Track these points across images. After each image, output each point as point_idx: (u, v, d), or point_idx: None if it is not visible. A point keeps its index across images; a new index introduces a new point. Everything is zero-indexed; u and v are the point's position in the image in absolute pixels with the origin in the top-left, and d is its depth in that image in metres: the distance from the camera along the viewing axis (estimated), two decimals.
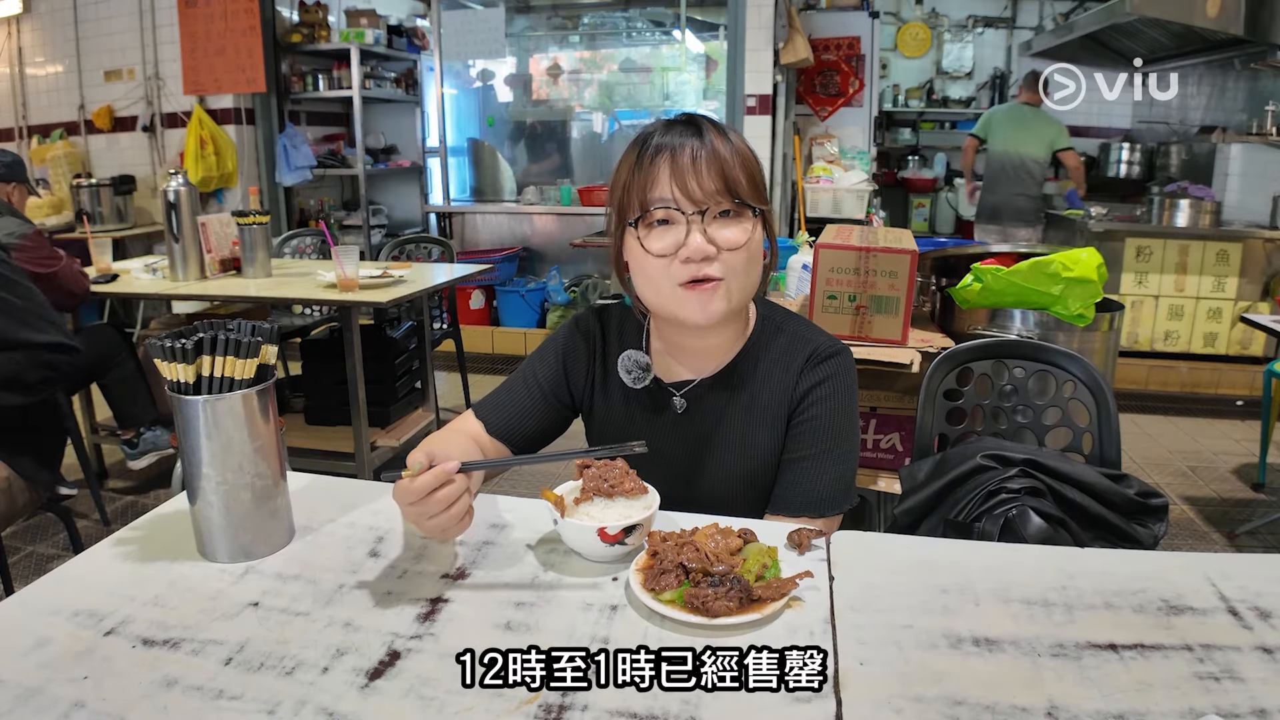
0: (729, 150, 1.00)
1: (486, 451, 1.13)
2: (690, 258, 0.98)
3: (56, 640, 0.75)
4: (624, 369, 1.12)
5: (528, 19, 5.64)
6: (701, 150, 0.99)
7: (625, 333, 1.17)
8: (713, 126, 1.02)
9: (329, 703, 0.68)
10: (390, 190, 6.03)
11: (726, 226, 1.00)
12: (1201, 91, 5.16)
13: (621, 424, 1.15)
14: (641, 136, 1.04)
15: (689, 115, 1.05)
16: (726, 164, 0.99)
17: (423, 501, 0.85)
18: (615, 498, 0.92)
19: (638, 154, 1.02)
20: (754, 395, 1.11)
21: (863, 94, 5.09)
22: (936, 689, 0.69)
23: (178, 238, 2.73)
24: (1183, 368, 4.33)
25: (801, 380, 1.10)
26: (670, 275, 1.00)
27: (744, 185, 1.00)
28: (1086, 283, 2.02)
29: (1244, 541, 2.73)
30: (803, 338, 1.12)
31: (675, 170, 0.99)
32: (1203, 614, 0.80)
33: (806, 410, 1.09)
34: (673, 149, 1.00)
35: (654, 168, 1.00)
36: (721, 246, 0.99)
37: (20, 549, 2.58)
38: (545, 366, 1.17)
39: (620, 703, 0.68)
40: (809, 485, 1.08)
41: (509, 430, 1.14)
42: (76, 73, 4.99)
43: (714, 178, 0.99)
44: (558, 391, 1.17)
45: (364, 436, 2.77)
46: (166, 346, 0.85)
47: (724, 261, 1.00)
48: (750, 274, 1.03)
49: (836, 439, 1.09)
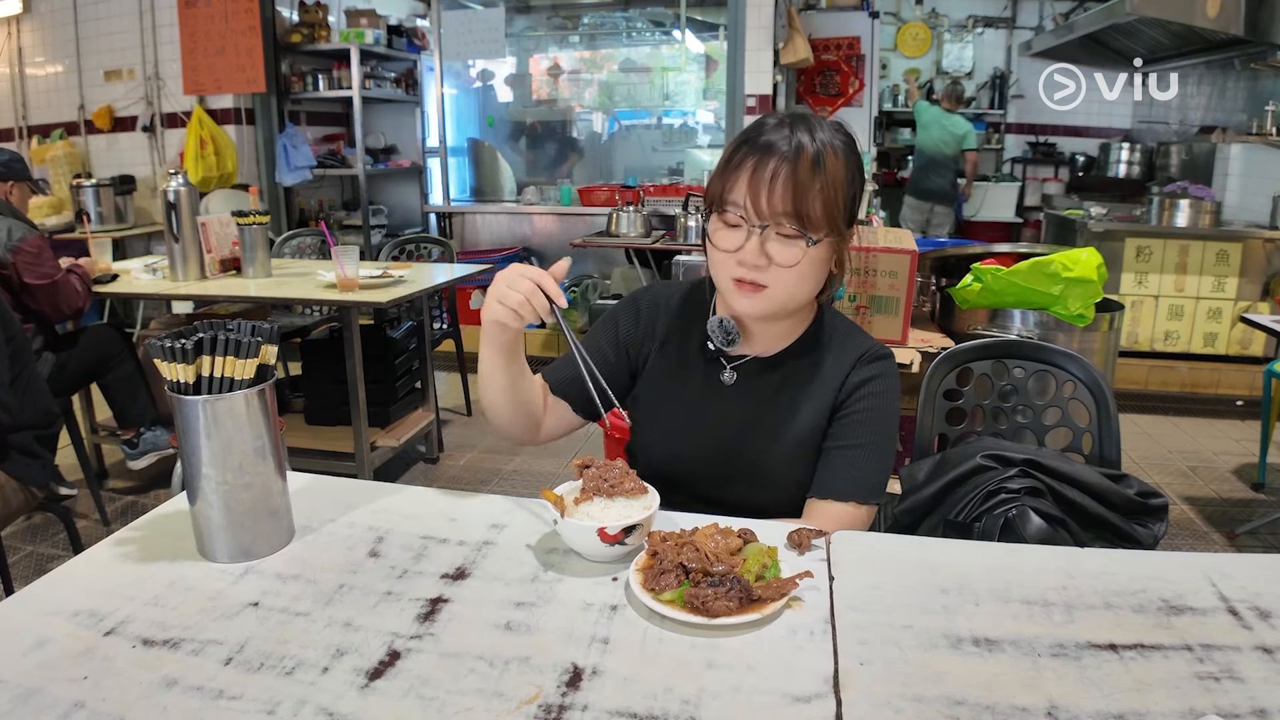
0: (814, 176, 1.01)
1: (550, 406, 1.18)
2: (744, 261, 1.04)
3: (56, 640, 0.75)
4: (714, 329, 1.15)
5: (528, 19, 5.64)
6: (784, 168, 1.01)
7: (689, 301, 1.22)
8: (815, 144, 1.02)
9: (329, 703, 0.68)
10: (390, 190, 6.03)
11: (786, 245, 1.03)
12: (1201, 91, 5.16)
13: (673, 385, 1.19)
14: (752, 128, 1.06)
15: (804, 118, 1.05)
16: (803, 189, 1.01)
17: (516, 277, 0.96)
18: (615, 498, 0.92)
19: (736, 146, 1.05)
20: (804, 381, 1.15)
21: (863, 94, 5.09)
22: (936, 689, 0.69)
23: (178, 238, 2.73)
24: (1183, 368, 4.33)
25: (853, 375, 1.14)
26: (728, 267, 1.06)
27: (814, 214, 1.02)
28: (1086, 283, 2.02)
29: (1244, 541, 2.73)
30: (856, 338, 1.17)
31: (754, 180, 1.02)
32: (1203, 614, 0.80)
33: (857, 403, 1.13)
34: (760, 156, 1.02)
35: (740, 170, 1.03)
36: (774, 261, 1.03)
37: (20, 549, 2.58)
38: (609, 332, 1.22)
39: (620, 703, 0.68)
40: (857, 472, 1.11)
41: (568, 390, 1.18)
42: (76, 73, 4.99)
43: (786, 200, 1.01)
44: (620, 355, 1.21)
45: (364, 436, 2.77)
46: (166, 346, 0.85)
47: (774, 273, 1.04)
48: (800, 287, 1.07)
49: (882, 433, 1.13)
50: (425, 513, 1.03)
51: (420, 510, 1.03)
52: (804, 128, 1.03)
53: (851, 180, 1.07)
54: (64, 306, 2.49)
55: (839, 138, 1.06)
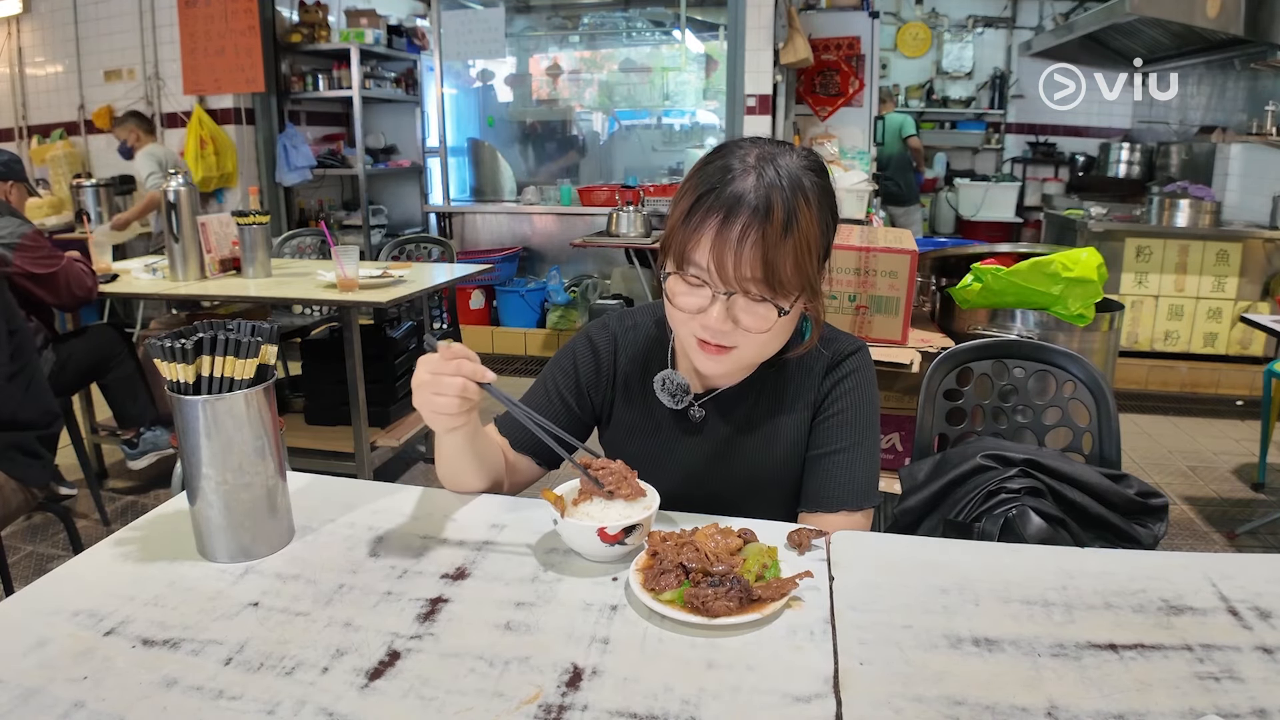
0: (787, 236, 0.91)
1: (512, 465, 1.13)
2: (708, 326, 0.95)
3: (56, 640, 0.75)
4: (664, 390, 1.09)
5: (528, 19, 5.64)
6: (753, 230, 0.90)
7: (644, 339, 1.15)
8: (786, 193, 0.91)
9: (329, 703, 0.68)
10: (390, 190, 6.03)
11: (753, 310, 0.95)
12: (1201, 91, 5.16)
13: (641, 429, 1.14)
14: (715, 171, 0.94)
15: (773, 156, 0.94)
16: (775, 253, 0.90)
17: (436, 379, 0.90)
18: (615, 498, 0.92)
19: (696, 199, 0.93)
20: (776, 402, 1.10)
21: (862, 94, 5.09)
22: (936, 689, 0.69)
23: (177, 238, 2.73)
24: (1183, 367, 4.33)
25: (826, 381, 1.10)
26: (690, 326, 0.98)
27: (787, 279, 0.92)
28: (1086, 283, 2.02)
29: (1244, 541, 2.73)
30: (824, 340, 1.11)
31: (719, 242, 0.91)
32: (1203, 614, 0.80)
33: (832, 406, 1.09)
34: (726, 214, 0.90)
35: (703, 228, 0.92)
36: (742, 326, 0.95)
37: (20, 549, 2.58)
38: (565, 377, 1.15)
39: (620, 703, 0.68)
40: (846, 478, 1.07)
41: (533, 446, 1.13)
42: (76, 73, 5.00)
43: (757, 266, 0.91)
44: (579, 402, 1.15)
45: (364, 436, 2.77)
46: (166, 346, 0.84)
47: (740, 336, 0.97)
48: (770, 346, 1.01)
49: (864, 432, 1.09)
50: (425, 513, 1.02)
51: (420, 510, 1.03)
52: (773, 169, 0.92)
53: (826, 228, 0.97)
54: (76, 289, 2.48)
55: (811, 176, 0.95)
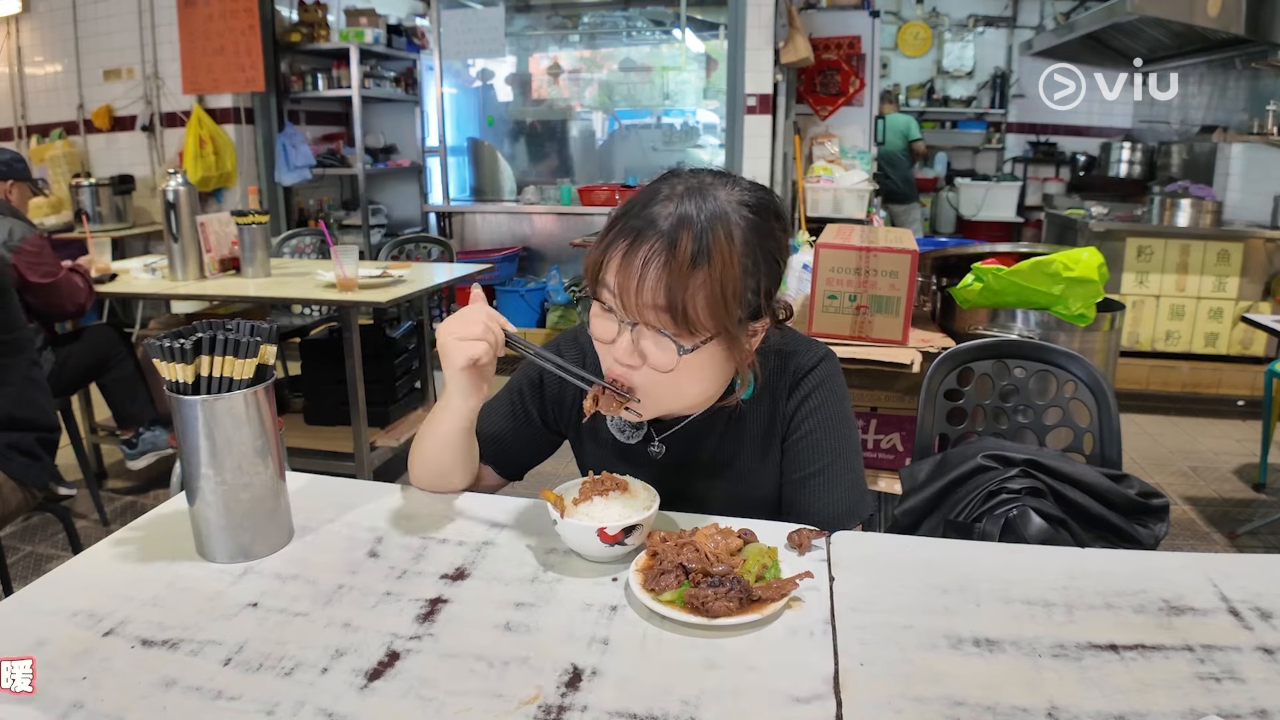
0: (695, 268, 0.84)
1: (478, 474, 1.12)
2: (618, 358, 0.91)
3: (55, 641, 0.75)
4: (615, 427, 1.08)
5: (528, 18, 5.64)
6: (659, 257, 0.84)
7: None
8: (701, 224, 0.84)
9: (328, 703, 0.68)
10: (390, 190, 6.03)
11: (659, 345, 0.88)
12: (1202, 91, 5.16)
13: (607, 460, 1.10)
14: (644, 192, 0.90)
15: (704, 187, 0.88)
16: (679, 283, 0.84)
17: (463, 319, 0.92)
18: (615, 498, 0.92)
19: (615, 219, 0.89)
20: (742, 428, 1.05)
21: (863, 93, 5.09)
22: (937, 689, 0.69)
23: (177, 238, 2.73)
24: (1184, 368, 4.33)
25: (789, 402, 1.04)
26: (606, 359, 0.94)
27: (694, 315, 0.84)
28: (1087, 283, 2.02)
29: (1245, 542, 2.73)
30: (784, 355, 1.04)
31: (624, 266, 0.86)
32: (1203, 614, 0.80)
33: (800, 428, 1.04)
34: (635, 237, 0.85)
35: (613, 249, 0.87)
36: (648, 362, 0.90)
37: (19, 549, 2.58)
38: (533, 396, 1.13)
39: (620, 703, 0.68)
40: (823, 504, 1.02)
41: (502, 460, 1.13)
42: (75, 72, 4.99)
43: (660, 293, 0.84)
44: (545, 420, 1.14)
45: (363, 436, 2.77)
46: (165, 346, 0.84)
47: (648, 375, 0.90)
48: (682, 391, 0.93)
49: (838, 448, 1.04)
50: (425, 513, 1.02)
51: (420, 510, 1.03)
52: (698, 199, 0.85)
53: (754, 267, 0.88)
54: (67, 304, 2.48)
55: (744, 213, 0.87)
